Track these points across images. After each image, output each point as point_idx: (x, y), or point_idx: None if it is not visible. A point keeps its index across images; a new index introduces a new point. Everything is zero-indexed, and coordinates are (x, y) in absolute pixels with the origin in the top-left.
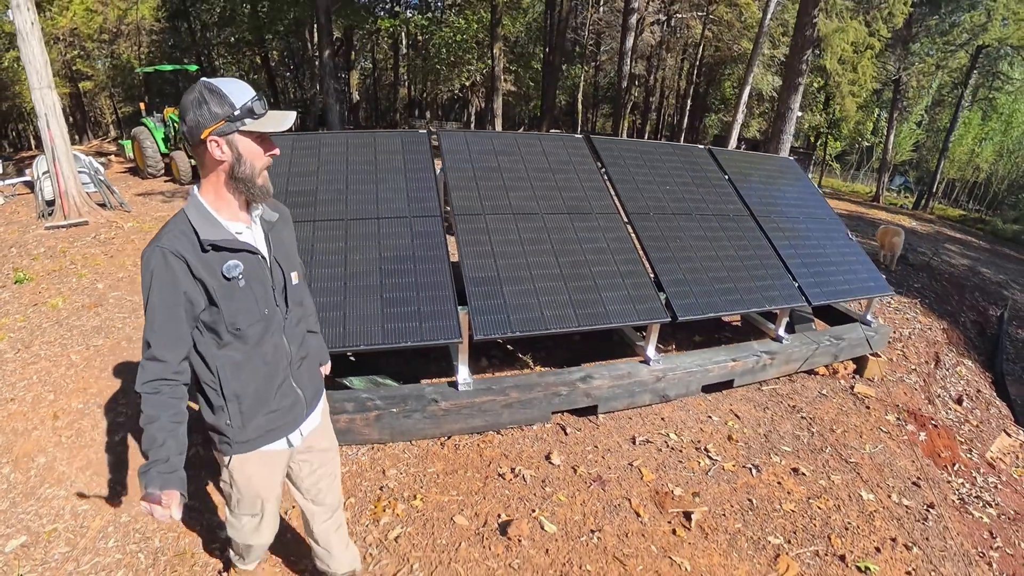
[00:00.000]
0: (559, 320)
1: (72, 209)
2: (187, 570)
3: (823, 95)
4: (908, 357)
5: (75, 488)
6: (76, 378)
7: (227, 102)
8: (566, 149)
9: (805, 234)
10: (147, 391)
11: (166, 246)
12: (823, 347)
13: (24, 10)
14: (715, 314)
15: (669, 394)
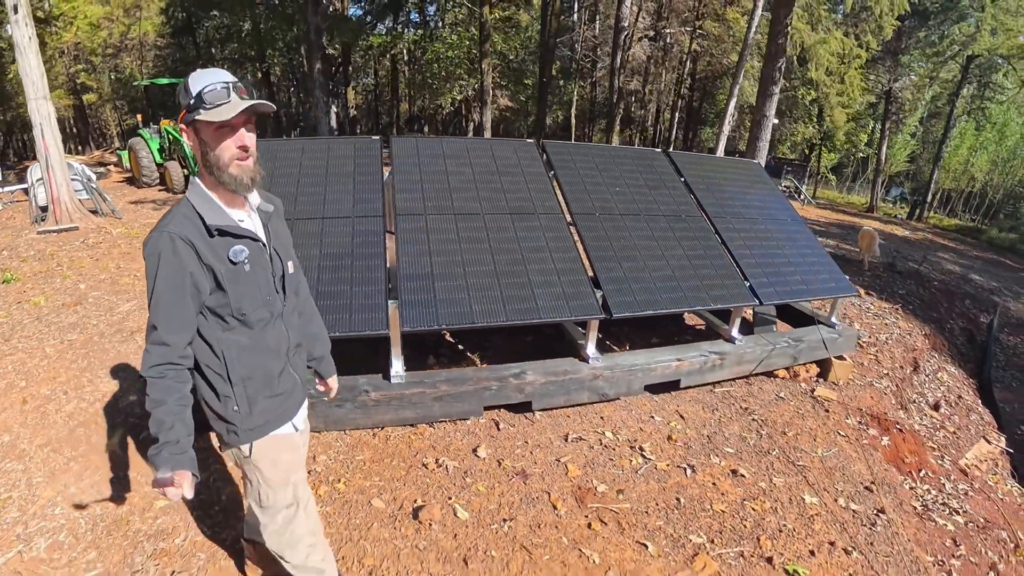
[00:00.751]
0: (488, 315)
1: (64, 215)
2: (121, 534)
3: (816, 107)
4: (881, 362)
5: (33, 464)
6: (48, 368)
7: (189, 92)
8: (516, 154)
9: (763, 235)
10: (153, 375)
11: (174, 231)
12: (779, 348)
13: (22, 26)
14: (653, 312)
15: (608, 392)
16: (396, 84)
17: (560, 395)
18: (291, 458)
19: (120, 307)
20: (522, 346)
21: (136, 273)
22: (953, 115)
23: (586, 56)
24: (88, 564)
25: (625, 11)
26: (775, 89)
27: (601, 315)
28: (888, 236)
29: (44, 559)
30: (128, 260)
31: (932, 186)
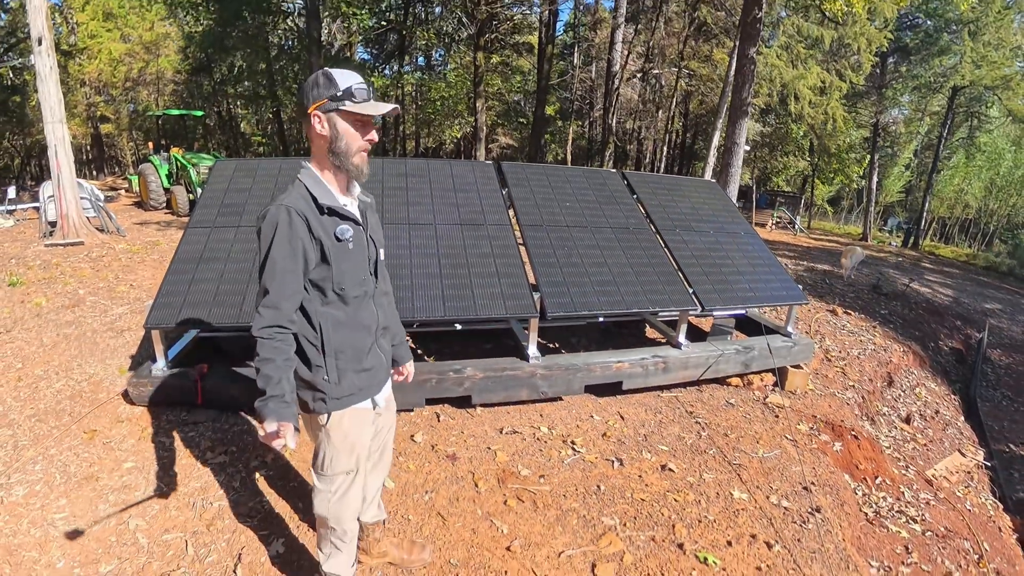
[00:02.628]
0: (427, 311)
1: (71, 230)
2: (90, 488)
3: (807, 141)
4: (848, 375)
5: (20, 430)
6: (43, 354)
7: (334, 84)
8: (474, 173)
9: (713, 247)
10: (263, 336)
11: (291, 205)
12: (728, 355)
13: (44, 56)
14: (588, 313)
15: (547, 390)
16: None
17: (499, 391)
18: (361, 432)
19: (114, 310)
20: (480, 352)
21: (133, 283)
22: (941, 145)
23: (583, 97)
24: (58, 508)
25: (616, 55)
26: (744, 120)
27: (535, 315)
28: (879, 260)
29: (21, 503)
30: (126, 272)
31: (925, 215)
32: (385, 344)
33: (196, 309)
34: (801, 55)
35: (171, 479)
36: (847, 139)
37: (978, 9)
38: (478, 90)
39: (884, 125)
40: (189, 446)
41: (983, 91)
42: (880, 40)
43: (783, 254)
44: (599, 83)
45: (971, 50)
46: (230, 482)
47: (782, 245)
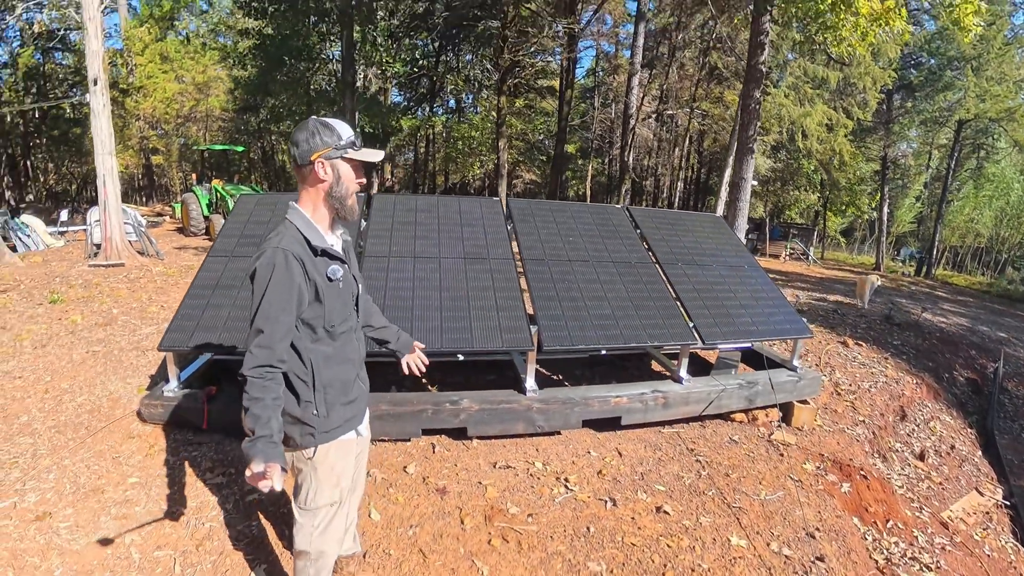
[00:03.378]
0: (425, 342)
1: (114, 252)
2: (95, 500)
3: (818, 175)
4: (858, 409)
5: (40, 440)
6: (71, 369)
7: (336, 134)
8: (481, 209)
9: (716, 280)
10: (253, 376)
11: (287, 248)
12: (730, 390)
13: (99, 95)
14: (585, 347)
15: (544, 424)
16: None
17: (495, 423)
18: (346, 463)
19: (142, 330)
20: (482, 383)
21: (164, 304)
22: (950, 176)
23: (602, 136)
24: (64, 518)
25: (633, 98)
26: (751, 157)
27: (532, 348)
28: (892, 291)
29: (31, 509)
30: (160, 294)
31: (936, 244)
32: (365, 375)
33: (209, 333)
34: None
35: (170, 497)
36: (857, 172)
37: (979, 46)
38: (500, 131)
39: (893, 158)
40: (192, 465)
41: (988, 123)
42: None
43: (796, 285)
44: (617, 123)
45: (974, 85)
46: (224, 503)
47: (795, 276)
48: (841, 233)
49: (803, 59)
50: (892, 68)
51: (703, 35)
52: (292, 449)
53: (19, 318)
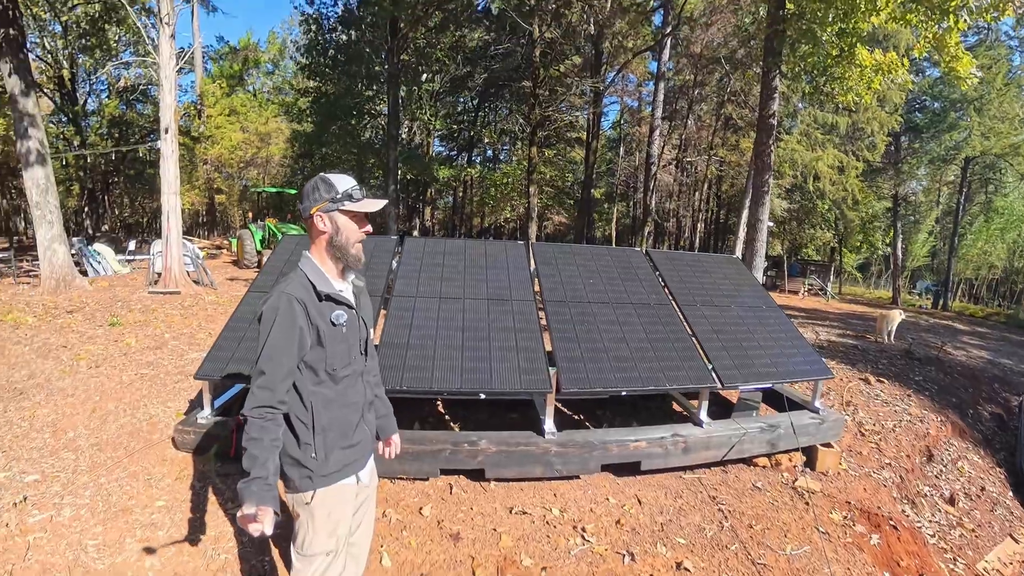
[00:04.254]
0: (444, 381)
1: (172, 281)
2: (123, 519)
3: (832, 214)
4: (883, 451)
5: (82, 456)
6: (119, 391)
7: (333, 188)
8: (505, 252)
9: (734, 321)
10: (254, 416)
11: (292, 293)
12: (752, 434)
13: (169, 142)
14: (603, 389)
15: (562, 468)
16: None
17: (513, 466)
18: (344, 510)
19: (189, 355)
20: (504, 422)
21: (211, 331)
22: (960, 211)
23: (626, 182)
24: (93, 536)
25: (655, 147)
26: (765, 200)
27: (549, 390)
28: (911, 325)
29: (65, 524)
30: (209, 321)
31: (951, 277)
32: (371, 418)
33: (242, 365)
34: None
35: (191, 524)
36: (870, 210)
37: (980, 88)
38: (531, 178)
39: (904, 196)
40: (216, 494)
41: (994, 159)
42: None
43: (816, 321)
44: (640, 170)
45: (978, 124)
46: (241, 535)
47: (815, 312)
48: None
49: (813, 107)
50: (898, 113)
51: (718, 90)
52: (291, 491)
53: (80, 338)
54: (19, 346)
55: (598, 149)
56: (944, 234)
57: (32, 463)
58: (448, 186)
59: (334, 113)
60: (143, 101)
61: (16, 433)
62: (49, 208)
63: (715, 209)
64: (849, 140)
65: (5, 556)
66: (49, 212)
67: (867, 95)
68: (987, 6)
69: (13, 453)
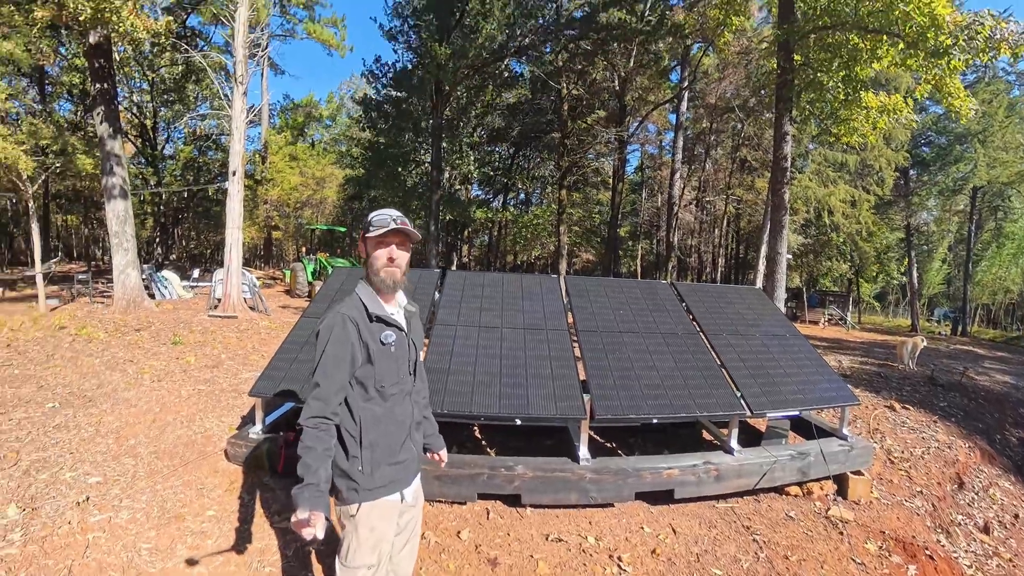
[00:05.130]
0: (483, 406)
1: (230, 306)
2: (175, 527)
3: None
4: (914, 479)
5: (141, 463)
6: (178, 404)
7: (367, 222)
8: (540, 285)
9: (760, 349)
10: (309, 425)
11: (346, 313)
12: (782, 462)
13: (235, 183)
14: (636, 416)
15: (597, 496)
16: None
17: (548, 492)
18: (387, 527)
19: (242, 375)
20: (540, 448)
21: (264, 354)
22: (972, 239)
23: (650, 221)
24: (147, 540)
25: (675, 188)
26: (783, 234)
27: (584, 416)
28: (932, 352)
29: (122, 526)
30: (262, 344)
31: (967, 303)
32: (418, 437)
33: (293, 384)
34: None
35: (238, 534)
36: (883, 241)
37: (983, 121)
38: (561, 217)
39: (916, 226)
40: (263, 506)
41: (1002, 187)
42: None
43: (838, 350)
44: (663, 210)
45: (983, 155)
46: (286, 549)
47: (836, 341)
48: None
49: (823, 148)
50: (904, 149)
51: (733, 135)
52: (339, 503)
53: (145, 354)
54: (91, 358)
55: (623, 191)
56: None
57: (96, 466)
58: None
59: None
60: (213, 148)
61: (83, 437)
62: (126, 237)
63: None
64: (859, 176)
65: (66, 552)
66: (126, 240)
67: (872, 135)
68: (981, 47)
69: (79, 455)
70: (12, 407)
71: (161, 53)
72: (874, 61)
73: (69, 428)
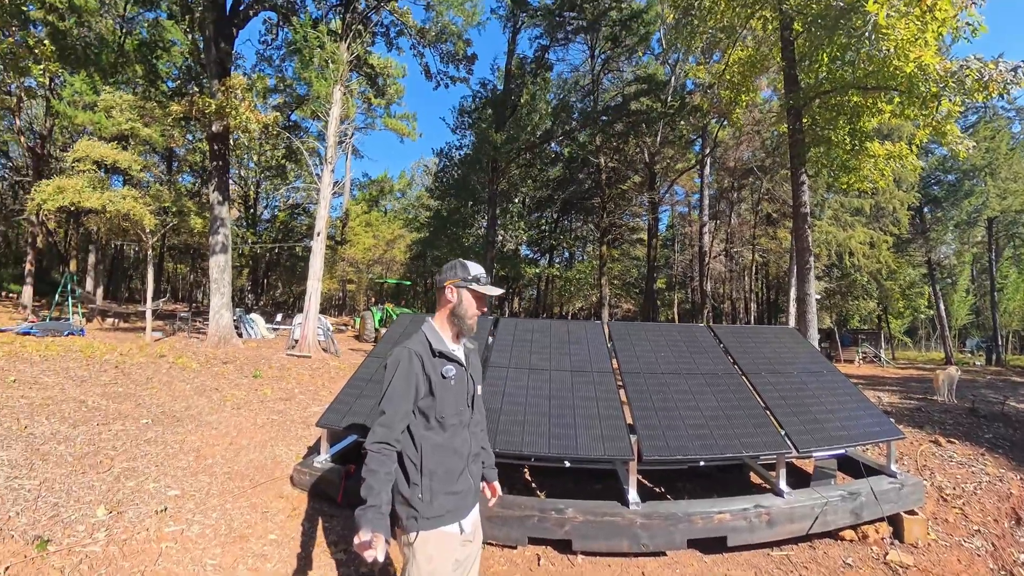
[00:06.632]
0: (533, 445)
1: (305, 347)
2: (239, 547)
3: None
4: (969, 516)
5: (215, 481)
6: (253, 430)
7: (467, 270)
8: (585, 330)
9: (799, 387)
10: (373, 449)
11: (412, 348)
12: (833, 503)
13: (319, 243)
14: (683, 457)
15: (648, 542)
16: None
17: (600, 538)
18: (445, 559)
19: (311, 408)
20: (589, 492)
21: (332, 390)
22: (993, 268)
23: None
24: (212, 556)
25: (705, 241)
26: (809, 276)
27: (632, 457)
28: (969, 383)
29: (192, 540)
30: (331, 382)
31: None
32: (476, 469)
33: (357, 417)
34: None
35: (299, 560)
36: (906, 278)
37: (987, 156)
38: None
39: (937, 261)
40: (323, 534)
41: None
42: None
43: (876, 387)
44: (694, 262)
45: (993, 187)
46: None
47: (873, 378)
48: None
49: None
50: (914, 190)
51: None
52: (401, 531)
53: (229, 384)
54: (183, 384)
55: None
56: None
57: (176, 480)
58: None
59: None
60: (302, 215)
61: (168, 452)
62: (223, 283)
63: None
64: (875, 218)
65: (141, 557)
66: (223, 287)
67: (881, 181)
68: (974, 87)
69: (163, 468)
70: (112, 419)
71: (268, 140)
72: (876, 115)
73: (157, 443)
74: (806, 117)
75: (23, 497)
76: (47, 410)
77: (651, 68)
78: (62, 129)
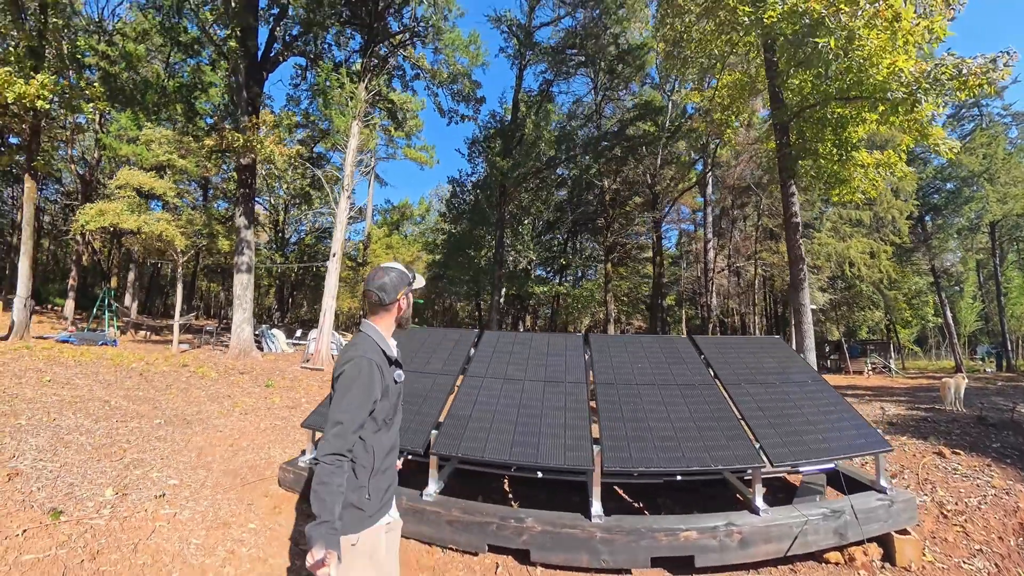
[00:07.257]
0: (496, 452)
1: (319, 361)
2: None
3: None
4: (971, 534)
5: (211, 476)
6: (255, 434)
7: (408, 276)
8: (565, 342)
9: (780, 398)
10: (327, 461)
11: (371, 358)
12: (814, 522)
13: (334, 263)
14: (645, 469)
15: (609, 559)
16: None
17: (558, 550)
18: (384, 549)
19: None
20: (562, 505)
21: None
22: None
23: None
24: (197, 536)
25: (709, 258)
26: (803, 287)
27: (591, 467)
28: (979, 390)
29: (182, 522)
30: None
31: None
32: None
33: None
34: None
35: (272, 550)
36: (912, 287)
37: (984, 162)
38: (608, 287)
39: (943, 268)
40: (297, 531)
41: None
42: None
43: (882, 397)
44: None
45: (993, 192)
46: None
47: (881, 389)
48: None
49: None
50: (912, 200)
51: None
52: (348, 533)
53: (241, 392)
54: (199, 391)
55: (663, 264)
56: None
57: (177, 472)
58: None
59: (460, 247)
60: (327, 238)
61: (174, 449)
62: (246, 300)
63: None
64: (875, 229)
65: (137, 532)
66: (245, 303)
67: (873, 191)
68: (954, 86)
69: (167, 461)
70: (130, 418)
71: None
72: (860, 124)
73: (166, 440)
74: (793, 132)
75: (45, 476)
76: (75, 407)
77: (648, 95)
78: (108, 159)
